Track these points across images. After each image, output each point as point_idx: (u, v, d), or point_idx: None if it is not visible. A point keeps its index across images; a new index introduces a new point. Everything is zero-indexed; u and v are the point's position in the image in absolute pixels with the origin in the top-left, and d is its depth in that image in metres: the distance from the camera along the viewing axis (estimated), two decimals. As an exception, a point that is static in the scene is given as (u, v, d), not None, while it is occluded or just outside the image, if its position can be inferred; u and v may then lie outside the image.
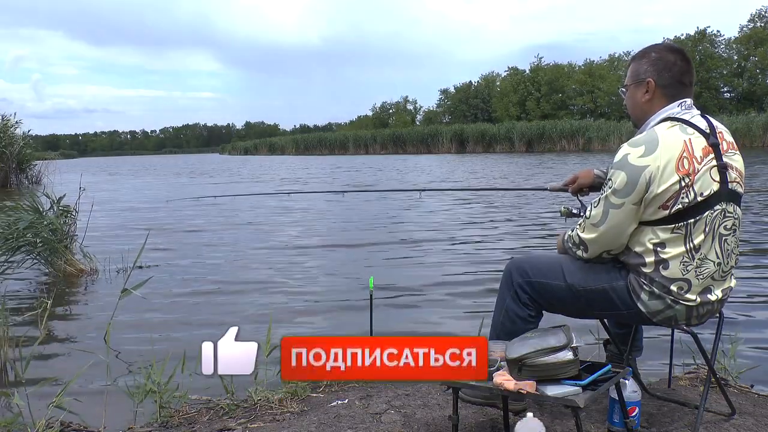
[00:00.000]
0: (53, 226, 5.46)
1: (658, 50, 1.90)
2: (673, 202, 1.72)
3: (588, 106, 55.76)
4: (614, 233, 1.80)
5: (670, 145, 1.72)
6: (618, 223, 1.78)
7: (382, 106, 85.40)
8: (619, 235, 1.80)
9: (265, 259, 6.36)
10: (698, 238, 1.75)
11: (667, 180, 1.70)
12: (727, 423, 2.07)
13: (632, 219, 1.77)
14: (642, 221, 1.78)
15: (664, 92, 1.87)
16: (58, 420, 2.30)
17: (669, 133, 1.75)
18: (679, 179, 1.71)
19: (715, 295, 1.83)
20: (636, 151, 1.74)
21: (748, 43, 49.21)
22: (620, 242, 1.82)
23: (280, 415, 2.34)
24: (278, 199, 12.24)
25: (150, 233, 8.26)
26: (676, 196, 1.71)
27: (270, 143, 66.77)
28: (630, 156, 1.74)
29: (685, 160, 1.71)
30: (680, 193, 1.71)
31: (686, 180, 1.71)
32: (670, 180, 1.70)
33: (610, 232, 1.80)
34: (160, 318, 4.23)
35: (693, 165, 1.72)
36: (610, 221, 1.78)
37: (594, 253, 1.87)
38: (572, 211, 2.21)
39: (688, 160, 1.72)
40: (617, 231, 1.79)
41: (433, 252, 6.56)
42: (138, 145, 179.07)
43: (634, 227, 1.79)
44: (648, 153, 1.72)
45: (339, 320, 4.18)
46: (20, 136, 19.62)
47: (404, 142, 49.39)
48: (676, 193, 1.71)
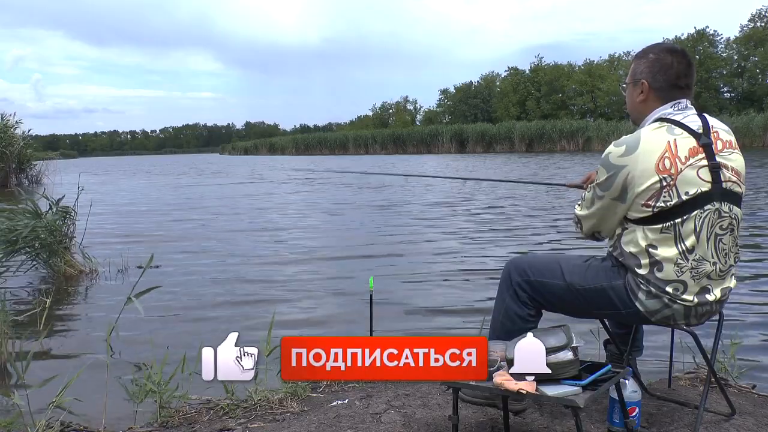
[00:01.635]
0: (52, 228, 5.46)
1: (657, 51, 1.91)
2: (655, 201, 1.75)
3: (588, 106, 55.75)
4: (599, 218, 1.91)
5: (651, 146, 1.75)
6: (600, 210, 1.88)
7: (382, 106, 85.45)
8: (604, 220, 1.90)
9: (266, 260, 6.36)
10: (690, 240, 1.76)
11: (646, 179, 1.74)
12: (727, 423, 2.07)
13: (614, 211, 1.85)
14: (631, 220, 1.82)
15: (657, 94, 1.89)
16: (58, 420, 2.30)
17: (653, 134, 1.78)
18: (659, 179, 1.73)
19: (714, 296, 1.83)
20: (617, 150, 1.80)
21: (748, 43, 49.19)
22: (607, 227, 1.92)
23: (280, 415, 2.34)
24: (281, 200, 12.21)
25: (151, 233, 8.26)
26: (657, 195, 1.74)
27: (270, 143, 66.82)
28: (611, 155, 1.81)
29: (666, 159, 1.74)
30: (661, 192, 1.74)
31: (667, 180, 1.73)
32: (650, 180, 1.74)
33: (595, 216, 1.92)
34: (160, 318, 4.23)
35: (675, 165, 1.74)
36: (594, 207, 1.90)
37: (587, 230, 1.98)
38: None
39: (670, 160, 1.74)
40: (601, 217, 1.90)
41: (433, 252, 6.56)
42: (138, 145, 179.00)
43: (620, 217, 1.85)
44: (627, 153, 1.77)
45: (339, 320, 4.18)
46: (20, 136, 19.64)
47: (404, 142, 49.43)
48: (657, 192, 1.74)
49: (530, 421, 2.13)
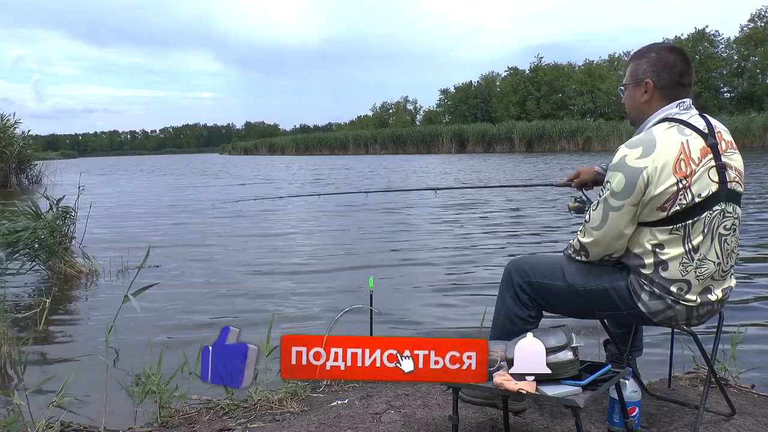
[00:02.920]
0: (52, 228, 5.45)
1: (658, 50, 1.89)
2: (671, 204, 1.71)
3: (588, 106, 55.78)
4: (613, 236, 1.79)
5: (668, 147, 1.72)
6: (617, 225, 1.77)
7: (382, 106, 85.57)
8: (619, 237, 1.79)
9: (266, 260, 6.36)
10: (697, 239, 1.75)
11: (664, 182, 1.70)
12: (727, 423, 2.07)
13: (631, 221, 1.77)
14: (640, 222, 1.78)
15: (662, 93, 1.86)
16: (58, 420, 2.30)
17: (666, 135, 1.75)
18: (676, 181, 1.70)
19: (715, 295, 1.83)
20: (633, 152, 1.74)
21: (748, 43, 49.19)
22: (620, 245, 1.81)
23: (280, 415, 2.34)
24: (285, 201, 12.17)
25: (151, 234, 8.26)
26: (674, 198, 1.71)
27: (270, 143, 66.80)
28: (628, 157, 1.74)
29: (682, 162, 1.71)
30: (678, 195, 1.71)
31: (684, 182, 1.71)
32: (668, 182, 1.70)
33: (610, 235, 1.79)
34: (160, 318, 4.22)
35: (690, 167, 1.72)
36: (610, 223, 1.78)
37: (595, 256, 1.87)
38: (579, 204, 2.29)
39: (686, 162, 1.71)
40: (616, 233, 1.78)
41: (433, 252, 6.56)
42: (138, 145, 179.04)
43: (633, 228, 1.78)
44: (646, 154, 1.72)
45: (339, 320, 4.16)
46: (20, 136, 19.63)
47: (404, 142, 49.43)
48: (673, 195, 1.71)
49: (530, 421, 2.13)
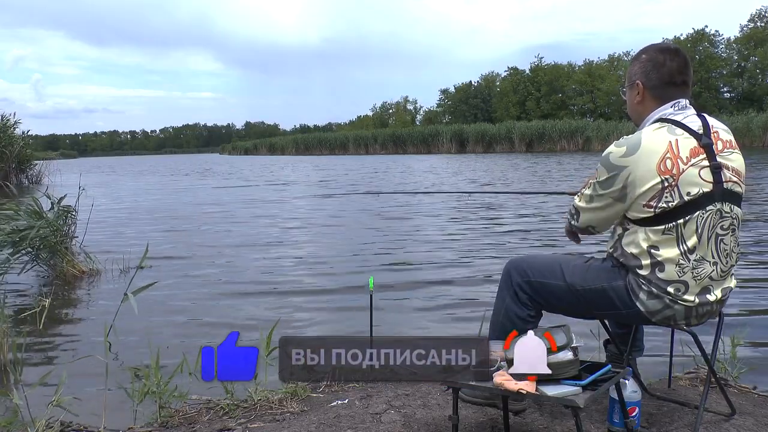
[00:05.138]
0: (54, 227, 5.45)
1: (649, 51, 1.92)
2: (657, 202, 1.74)
3: (588, 106, 55.82)
4: (596, 215, 1.91)
5: (653, 146, 1.75)
6: (598, 208, 1.89)
7: (382, 106, 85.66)
8: (601, 217, 1.90)
9: (266, 260, 6.36)
10: (691, 240, 1.76)
11: (648, 180, 1.73)
12: (727, 423, 2.07)
13: (613, 210, 1.85)
14: (632, 220, 1.81)
15: (653, 94, 1.89)
16: (57, 420, 2.30)
17: (654, 135, 1.77)
18: (661, 180, 1.73)
19: (714, 296, 1.83)
20: (618, 150, 1.79)
21: (748, 43, 49.21)
22: (602, 224, 1.94)
23: (280, 415, 2.34)
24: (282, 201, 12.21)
25: (152, 234, 8.26)
26: (659, 195, 1.74)
27: (270, 143, 66.86)
28: (612, 155, 1.80)
29: (668, 160, 1.73)
30: (663, 192, 1.73)
31: (669, 180, 1.73)
32: (652, 180, 1.73)
33: (593, 212, 1.91)
34: (160, 318, 4.22)
35: (677, 165, 1.73)
36: (593, 204, 1.90)
37: (582, 223, 1.97)
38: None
39: (672, 160, 1.73)
40: (598, 214, 1.90)
41: (433, 252, 6.56)
42: (138, 145, 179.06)
43: (618, 216, 1.87)
44: (628, 154, 1.76)
45: (339, 320, 4.17)
46: (20, 136, 19.64)
47: (404, 142, 49.47)
48: (658, 192, 1.74)
49: (530, 421, 2.13)
